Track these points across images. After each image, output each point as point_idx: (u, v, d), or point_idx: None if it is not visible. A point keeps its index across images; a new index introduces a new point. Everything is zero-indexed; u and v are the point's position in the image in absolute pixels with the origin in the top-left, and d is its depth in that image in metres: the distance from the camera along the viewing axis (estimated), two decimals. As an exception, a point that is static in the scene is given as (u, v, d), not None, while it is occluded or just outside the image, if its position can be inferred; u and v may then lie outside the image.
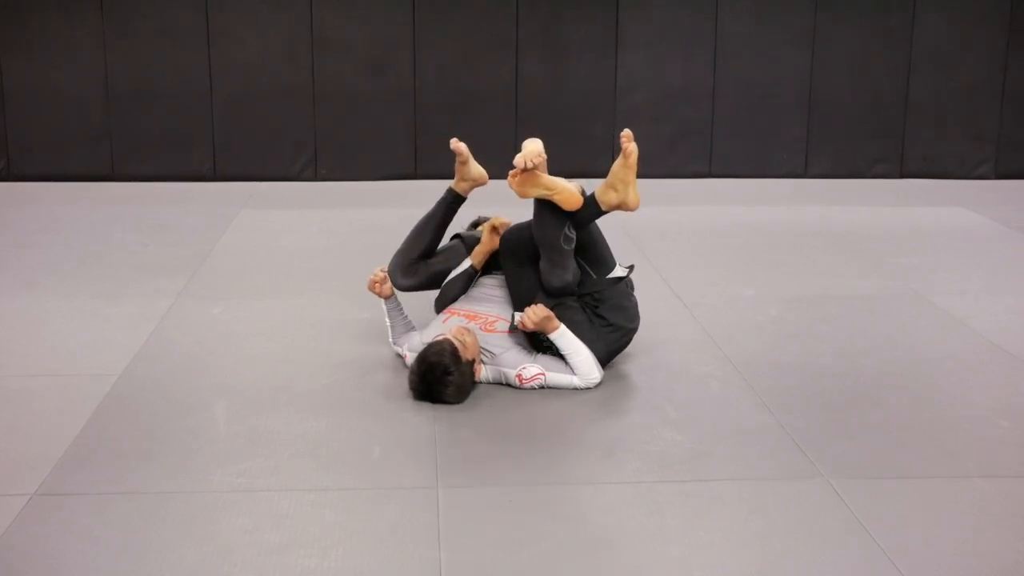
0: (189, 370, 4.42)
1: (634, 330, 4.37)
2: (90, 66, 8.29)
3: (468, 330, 4.18)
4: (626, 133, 4.18)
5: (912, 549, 3.08)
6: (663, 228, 6.97)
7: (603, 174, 9.39)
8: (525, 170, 4.09)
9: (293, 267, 6.04)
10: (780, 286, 5.71)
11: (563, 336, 4.14)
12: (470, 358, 4.07)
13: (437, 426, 3.88)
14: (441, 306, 4.53)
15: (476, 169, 4.58)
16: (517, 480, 3.49)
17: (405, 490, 3.41)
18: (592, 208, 4.22)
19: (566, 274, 4.18)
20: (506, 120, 8.56)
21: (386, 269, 4.55)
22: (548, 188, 4.11)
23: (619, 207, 4.23)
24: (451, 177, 4.65)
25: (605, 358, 4.32)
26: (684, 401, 4.13)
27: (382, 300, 4.53)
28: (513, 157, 4.13)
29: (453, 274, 4.54)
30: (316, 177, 8.58)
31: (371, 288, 4.50)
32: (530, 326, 4.10)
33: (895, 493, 3.43)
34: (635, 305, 4.38)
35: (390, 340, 4.53)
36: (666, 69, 8.64)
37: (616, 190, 4.19)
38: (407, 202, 7.66)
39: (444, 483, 3.45)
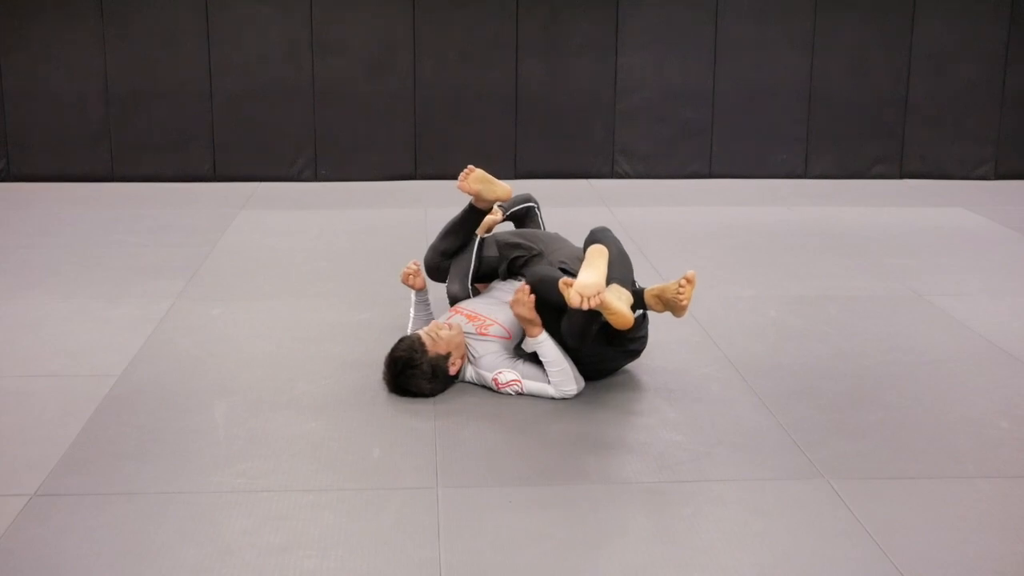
0: (189, 371, 4.42)
1: (643, 349, 4.37)
2: (90, 67, 8.29)
3: (450, 326, 4.19)
4: (689, 275, 3.94)
5: (912, 549, 3.08)
6: (663, 228, 6.97)
7: (603, 174, 9.38)
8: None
9: (293, 268, 6.03)
10: (780, 286, 5.71)
11: (542, 344, 4.11)
12: (442, 352, 4.09)
13: (437, 426, 3.88)
14: (452, 284, 4.60)
15: (494, 193, 4.54)
16: (517, 480, 3.49)
17: (405, 490, 3.41)
18: (638, 303, 4.05)
19: (584, 342, 4.07)
20: (506, 120, 8.56)
21: (418, 263, 4.63)
22: (605, 308, 3.84)
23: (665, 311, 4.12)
24: (451, 177, 4.65)
25: (610, 372, 4.33)
26: (684, 402, 4.13)
27: (412, 292, 4.60)
28: (513, 158, 4.12)
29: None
30: (316, 178, 8.58)
31: (404, 280, 4.58)
32: (520, 306, 4.04)
33: (895, 494, 3.43)
34: (647, 330, 4.35)
35: (409, 331, 4.54)
36: (666, 69, 8.63)
37: (665, 305, 4.03)
38: (407, 203, 7.68)
39: (444, 483, 3.45)
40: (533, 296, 4.06)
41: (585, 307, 3.78)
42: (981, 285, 5.77)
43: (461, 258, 4.61)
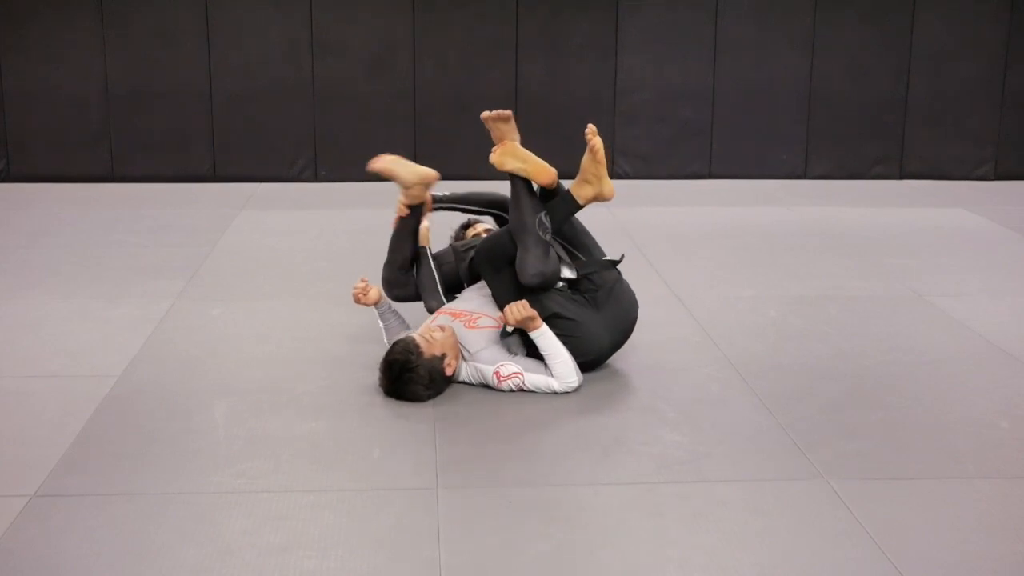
0: (189, 372, 4.42)
1: (635, 317, 4.37)
2: (89, 67, 8.29)
3: (441, 327, 4.18)
4: (591, 128, 4.27)
5: (912, 550, 3.08)
6: (663, 228, 6.97)
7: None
8: (500, 131, 4.32)
9: (292, 268, 6.04)
10: (780, 286, 5.71)
11: (543, 336, 4.12)
12: (438, 353, 4.08)
13: (437, 426, 3.88)
14: (427, 301, 4.59)
15: (413, 175, 4.53)
16: (517, 480, 3.49)
17: (404, 491, 3.41)
18: (569, 203, 4.27)
19: (541, 263, 4.13)
20: (506, 121, 8.55)
21: (366, 279, 4.59)
22: (524, 161, 4.29)
23: (596, 199, 4.28)
24: (451, 177, 4.65)
25: (608, 348, 4.32)
26: (683, 402, 4.13)
27: (372, 307, 4.55)
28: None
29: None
30: (316, 178, 8.58)
31: (356, 300, 4.54)
32: (512, 321, 4.10)
33: (895, 494, 3.43)
34: (631, 292, 4.37)
35: (385, 342, 4.53)
36: (666, 69, 8.64)
37: (590, 183, 4.25)
38: (407, 203, 7.67)
39: (444, 483, 3.45)
40: (519, 303, 4.09)
41: (499, 113, 4.28)
42: (981, 285, 5.77)
43: (423, 275, 4.59)
